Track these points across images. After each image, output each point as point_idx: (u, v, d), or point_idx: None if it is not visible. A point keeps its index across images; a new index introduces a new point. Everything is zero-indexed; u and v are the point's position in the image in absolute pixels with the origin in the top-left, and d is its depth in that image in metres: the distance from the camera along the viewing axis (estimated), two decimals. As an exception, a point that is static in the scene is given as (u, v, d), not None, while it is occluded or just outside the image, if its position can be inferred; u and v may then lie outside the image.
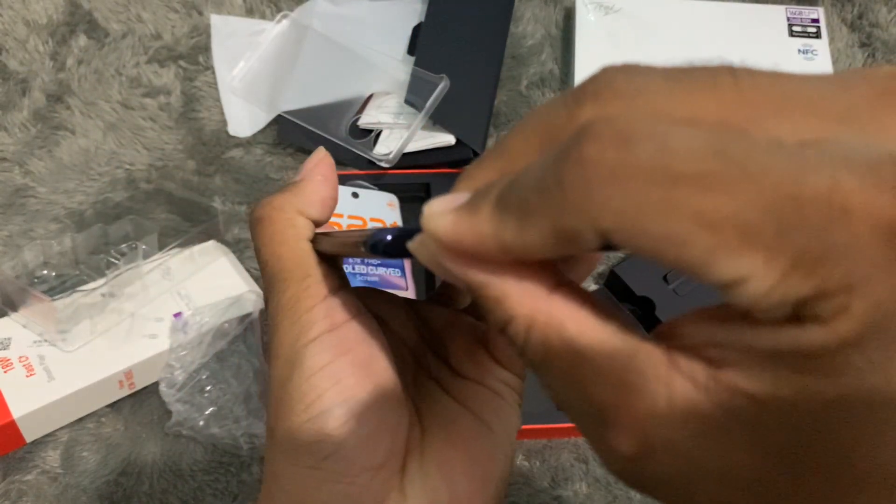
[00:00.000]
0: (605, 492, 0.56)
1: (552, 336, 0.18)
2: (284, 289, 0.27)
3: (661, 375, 0.16)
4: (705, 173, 0.15)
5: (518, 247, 0.17)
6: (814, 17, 0.75)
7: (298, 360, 0.26)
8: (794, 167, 0.14)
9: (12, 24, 0.77)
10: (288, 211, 0.28)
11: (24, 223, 0.66)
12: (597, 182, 0.15)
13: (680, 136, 0.15)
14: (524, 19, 0.79)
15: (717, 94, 0.17)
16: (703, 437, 0.16)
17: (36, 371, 0.55)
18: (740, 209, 0.14)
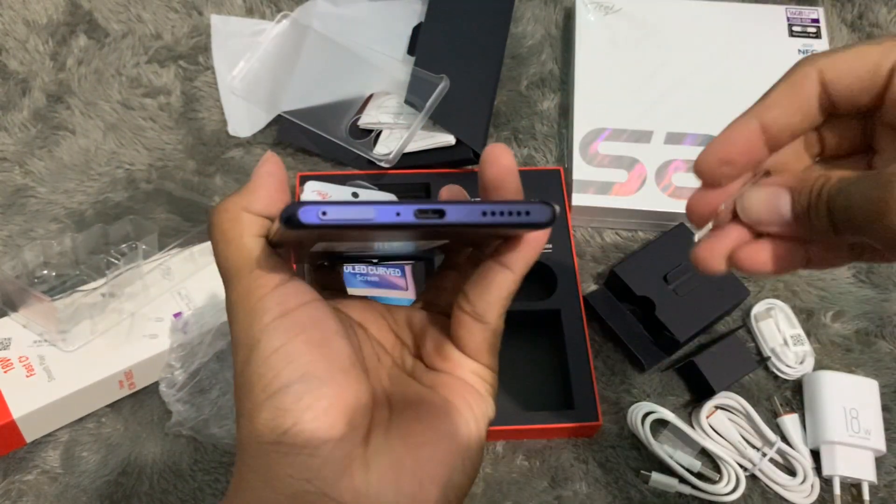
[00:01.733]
0: (605, 492, 0.56)
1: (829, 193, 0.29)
2: (236, 283, 0.29)
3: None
4: None
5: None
6: (814, 17, 0.75)
7: (254, 344, 0.28)
8: None
9: (12, 24, 0.77)
10: (231, 210, 0.29)
11: (24, 223, 0.67)
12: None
13: None
14: (524, 19, 0.79)
15: None
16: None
17: (36, 371, 0.55)
18: None
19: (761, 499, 0.55)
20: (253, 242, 0.29)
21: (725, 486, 0.55)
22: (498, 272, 0.30)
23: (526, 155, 0.71)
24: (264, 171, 0.31)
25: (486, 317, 0.30)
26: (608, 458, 0.57)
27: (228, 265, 0.29)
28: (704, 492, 0.55)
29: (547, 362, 0.60)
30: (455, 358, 0.32)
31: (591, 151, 0.67)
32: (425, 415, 0.30)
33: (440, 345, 0.32)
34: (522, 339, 0.61)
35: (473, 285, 0.31)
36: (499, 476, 0.56)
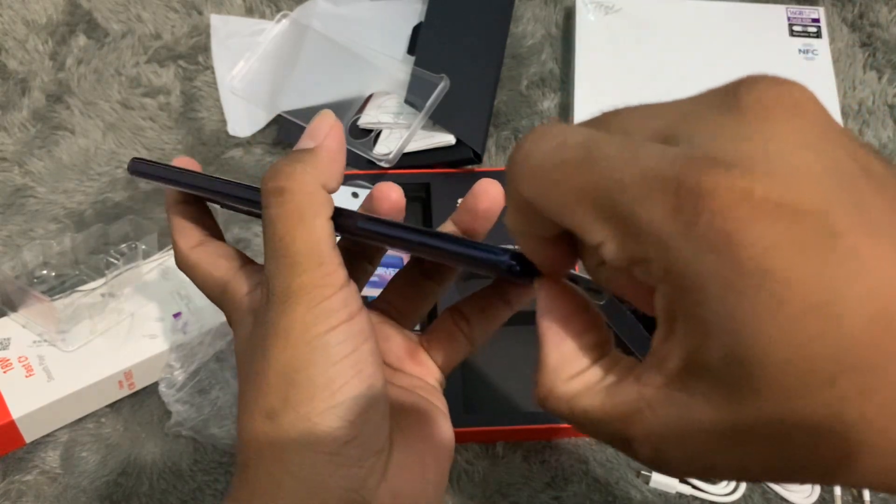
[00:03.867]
0: (605, 492, 0.56)
1: (562, 407, 0.24)
2: (299, 272, 0.26)
3: (637, 397, 0.21)
4: (576, 160, 0.20)
5: (511, 223, 0.23)
6: (814, 17, 0.75)
7: (321, 347, 0.26)
8: (624, 158, 0.19)
9: (12, 24, 0.77)
10: (309, 184, 0.27)
11: (24, 223, 0.66)
12: (519, 163, 0.21)
13: (573, 132, 0.21)
14: (524, 19, 0.79)
15: (609, 125, 0.22)
16: (680, 417, 0.20)
17: (35, 371, 0.55)
18: (592, 189, 0.20)
19: (761, 499, 0.55)
20: (325, 228, 0.27)
21: (726, 487, 0.55)
22: (501, 309, 0.33)
23: (526, 155, 0.71)
24: (336, 142, 0.29)
25: (476, 342, 0.33)
26: (608, 459, 0.57)
27: (294, 248, 0.26)
28: (705, 492, 0.55)
29: (547, 362, 0.60)
30: (429, 365, 0.33)
31: (592, 151, 0.67)
32: (417, 418, 0.30)
33: (413, 351, 0.33)
34: (522, 338, 0.61)
35: (476, 314, 0.33)
36: (499, 476, 0.56)
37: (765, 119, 0.19)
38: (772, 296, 0.17)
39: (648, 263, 0.19)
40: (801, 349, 0.17)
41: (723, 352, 0.18)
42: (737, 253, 0.17)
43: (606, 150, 0.20)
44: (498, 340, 0.61)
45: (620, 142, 0.20)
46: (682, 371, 0.19)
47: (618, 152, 0.19)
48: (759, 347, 0.17)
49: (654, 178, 0.18)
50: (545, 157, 0.21)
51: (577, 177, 0.20)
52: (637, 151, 0.19)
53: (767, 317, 0.17)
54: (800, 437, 0.18)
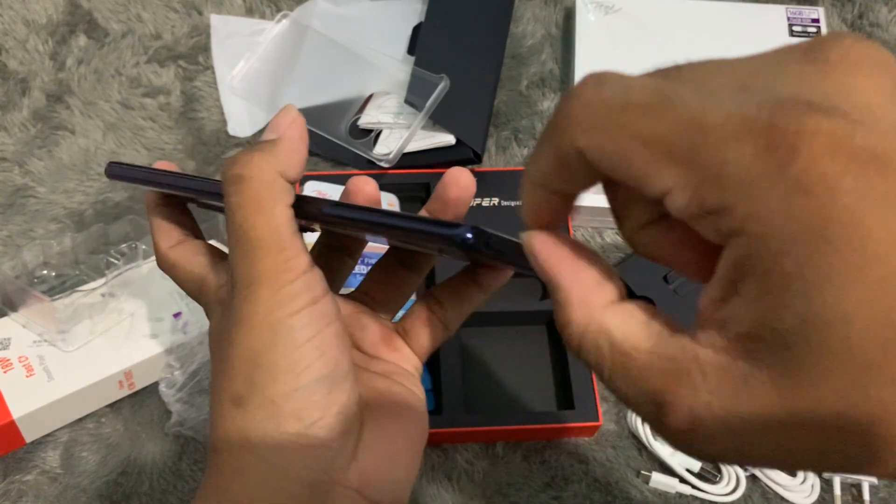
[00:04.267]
0: (605, 492, 0.56)
1: (602, 342, 0.21)
2: (260, 256, 0.27)
3: (690, 356, 0.19)
4: (646, 104, 0.19)
5: (538, 175, 0.22)
6: (814, 17, 0.75)
7: (283, 330, 0.26)
8: (704, 102, 0.18)
9: (12, 24, 0.77)
10: (267, 172, 0.27)
11: (24, 223, 0.66)
12: (576, 110, 0.20)
13: (637, 79, 0.20)
14: (524, 19, 0.79)
15: (675, 77, 0.21)
16: (735, 389, 0.18)
17: (35, 371, 0.55)
18: (666, 132, 0.18)
19: (762, 499, 0.55)
20: (285, 215, 0.27)
21: (726, 487, 0.55)
22: (475, 292, 0.33)
23: (526, 155, 0.71)
24: (296, 133, 0.29)
25: (452, 326, 0.34)
26: (608, 459, 0.57)
27: (254, 235, 0.27)
28: (705, 492, 0.55)
29: (547, 362, 0.60)
30: (404, 351, 0.34)
31: (592, 151, 0.67)
32: (390, 402, 0.31)
33: (389, 338, 0.34)
34: (523, 338, 0.61)
35: (449, 298, 0.34)
36: (499, 476, 0.56)
37: (853, 73, 0.18)
38: (863, 251, 0.16)
39: (724, 212, 0.18)
40: (883, 314, 0.16)
41: (801, 316, 0.17)
42: (833, 199, 0.16)
43: (684, 94, 0.19)
44: (498, 340, 0.61)
45: (699, 88, 0.19)
46: (748, 336, 0.18)
47: (698, 97, 0.18)
48: (841, 310, 0.16)
49: (743, 119, 0.17)
50: (611, 101, 0.20)
51: (649, 120, 0.19)
52: (721, 96, 0.18)
53: (855, 274, 0.16)
54: (861, 426, 0.17)
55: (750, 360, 0.18)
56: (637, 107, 0.19)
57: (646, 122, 0.19)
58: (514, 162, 0.71)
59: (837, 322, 0.16)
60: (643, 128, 0.19)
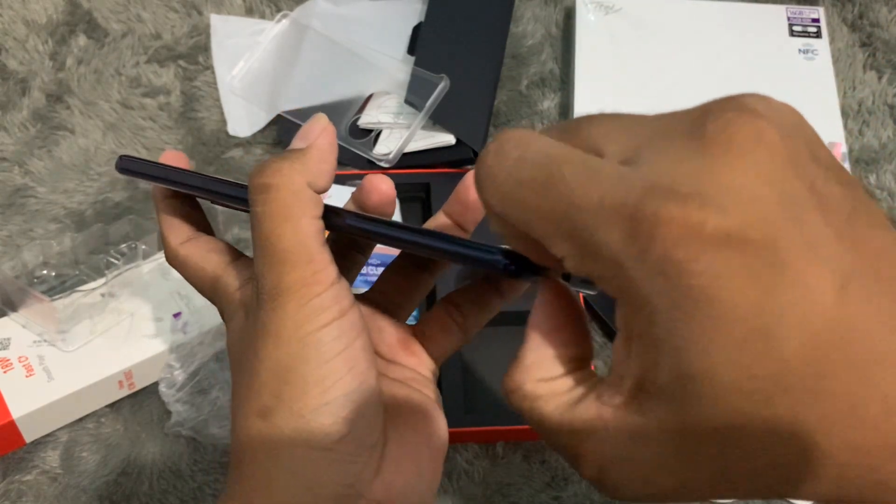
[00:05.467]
0: (606, 492, 0.56)
1: (524, 405, 0.24)
2: (287, 270, 0.26)
3: (596, 417, 0.22)
4: (536, 180, 0.21)
5: (493, 227, 0.24)
6: (814, 17, 0.75)
7: (313, 344, 0.26)
8: (585, 181, 0.20)
9: (12, 24, 0.77)
10: (296, 182, 0.27)
11: (24, 223, 0.66)
12: (483, 180, 0.22)
13: (534, 146, 0.22)
14: (524, 19, 0.79)
15: (578, 134, 0.23)
16: (633, 441, 0.21)
17: (35, 371, 0.55)
18: (551, 210, 0.20)
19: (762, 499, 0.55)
20: (313, 226, 0.27)
21: (726, 487, 0.55)
22: (494, 299, 0.33)
23: (526, 155, 0.71)
24: (327, 142, 0.29)
25: (469, 332, 0.34)
26: (608, 459, 0.57)
27: (281, 246, 0.26)
28: (705, 492, 0.55)
29: (547, 362, 0.60)
30: (422, 356, 0.33)
31: (592, 151, 0.67)
32: (411, 412, 0.30)
33: (406, 342, 0.33)
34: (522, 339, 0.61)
35: (469, 303, 0.33)
36: (499, 476, 0.56)
37: (726, 151, 0.19)
38: (717, 321, 0.18)
39: (604, 282, 0.20)
40: (743, 370, 0.18)
41: (673, 372, 0.19)
42: (686, 280, 0.18)
43: (566, 171, 0.20)
44: (498, 340, 0.61)
45: (580, 163, 0.21)
46: (636, 390, 0.20)
47: (577, 175, 0.20)
48: (705, 368, 0.18)
49: (612, 204, 0.19)
50: (506, 175, 0.22)
51: (537, 198, 0.21)
52: (597, 175, 0.20)
53: (713, 340, 0.18)
54: (735, 452, 0.19)
55: (640, 412, 0.20)
56: (529, 183, 0.21)
57: (536, 200, 0.21)
58: (514, 162, 0.71)
59: (705, 378, 0.19)
60: (535, 204, 0.21)
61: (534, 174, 0.21)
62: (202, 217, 0.34)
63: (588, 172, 0.20)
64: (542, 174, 0.21)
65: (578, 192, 0.20)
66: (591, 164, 0.20)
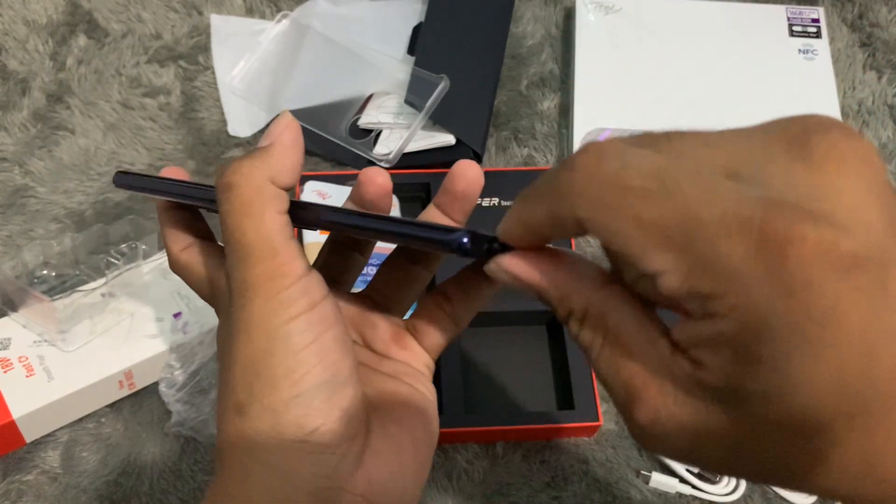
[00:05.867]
0: (605, 492, 0.56)
1: (600, 323, 0.24)
2: (253, 263, 0.27)
3: (667, 369, 0.22)
4: (646, 189, 0.20)
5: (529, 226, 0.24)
6: (814, 17, 0.75)
7: (281, 337, 0.26)
8: (701, 193, 0.20)
9: (12, 24, 0.77)
10: (258, 179, 0.27)
11: (24, 223, 0.66)
12: (577, 183, 0.22)
13: (635, 157, 0.21)
14: (524, 19, 0.79)
15: (666, 149, 0.22)
16: (697, 411, 0.21)
17: (36, 371, 0.55)
18: (663, 220, 0.20)
19: (762, 499, 0.55)
20: (276, 221, 0.27)
21: (725, 487, 0.55)
22: (484, 286, 0.33)
23: (526, 155, 0.71)
24: (289, 139, 0.29)
25: (461, 321, 0.34)
26: (608, 459, 0.57)
27: (245, 241, 0.27)
28: (705, 492, 0.55)
29: (547, 362, 0.60)
30: (415, 350, 0.34)
31: (592, 151, 0.67)
32: (398, 405, 0.30)
33: (399, 336, 0.34)
34: (523, 338, 0.61)
35: (457, 292, 0.33)
36: (499, 476, 0.56)
37: (839, 172, 0.20)
38: (832, 339, 0.18)
39: (713, 298, 0.20)
40: (840, 385, 0.19)
41: (772, 382, 0.19)
42: (816, 300, 0.18)
43: (682, 182, 0.20)
44: (498, 340, 0.61)
45: (694, 175, 0.20)
46: (715, 387, 0.21)
47: (694, 187, 0.20)
48: (805, 381, 0.19)
49: (737, 218, 0.19)
50: (611, 179, 0.21)
51: (648, 206, 0.20)
52: (715, 188, 0.20)
53: (821, 357, 0.19)
54: (792, 451, 0.20)
55: (713, 400, 0.21)
56: (637, 190, 0.20)
57: (645, 208, 0.20)
58: (514, 162, 0.71)
59: (801, 389, 0.19)
60: (642, 213, 0.20)
61: (644, 183, 0.20)
62: (204, 225, 0.34)
63: (707, 184, 0.20)
64: (654, 184, 0.20)
65: (698, 204, 0.19)
66: (707, 177, 0.20)
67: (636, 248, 0.21)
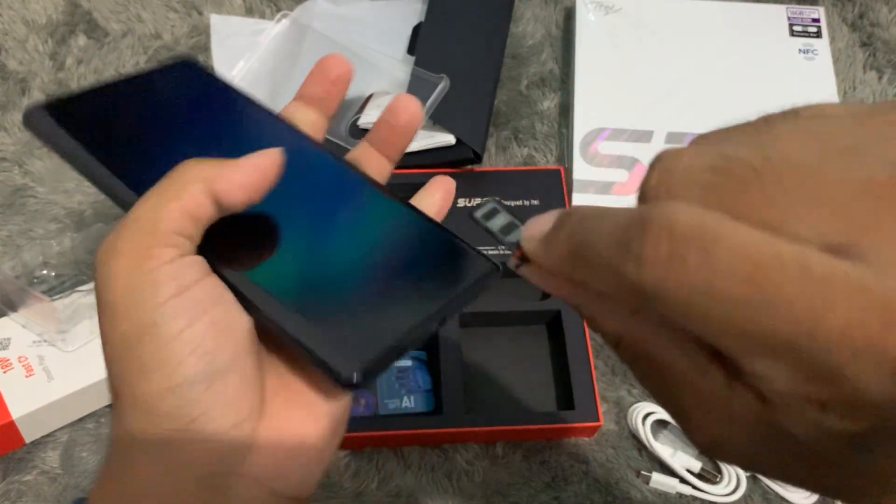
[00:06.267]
0: (605, 492, 0.56)
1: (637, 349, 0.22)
2: (128, 235, 0.26)
3: (723, 398, 0.19)
4: (743, 299, 0.16)
5: (583, 283, 0.21)
6: (814, 17, 0.75)
7: (148, 325, 0.25)
8: (814, 304, 0.16)
9: (11, 24, 0.77)
10: (195, 172, 0.27)
11: (24, 223, 0.66)
12: (665, 278, 0.17)
13: (724, 254, 0.16)
14: (524, 19, 0.79)
15: (747, 198, 0.18)
16: (755, 443, 0.19)
17: (35, 371, 0.55)
18: (769, 333, 0.16)
19: (762, 499, 0.55)
20: (179, 209, 0.26)
21: (726, 487, 0.55)
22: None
23: (526, 155, 0.71)
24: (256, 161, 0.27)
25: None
26: (609, 459, 0.57)
27: (136, 214, 0.26)
28: (705, 492, 0.55)
29: (547, 362, 0.60)
30: None
31: (592, 151, 0.67)
32: (299, 384, 0.29)
33: None
34: (523, 338, 0.61)
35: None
36: (499, 476, 0.56)
37: None
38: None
39: (830, 405, 0.17)
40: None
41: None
42: None
43: (786, 286, 0.16)
44: (498, 340, 0.61)
45: (799, 269, 0.16)
46: (795, 436, 0.18)
47: (800, 291, 0.16)
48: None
49: (863, 339, 0.15)
50: (708, 280, 0.16)
51: (747, 314, 0.16)
52: (828, 288, 0.15)
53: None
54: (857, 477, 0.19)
55: (784, 436, 0.19)
56: (732, 300, 0.16)
57: (745, 317, 0.16)
58: (514, 162, 0.71)
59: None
60: (742, 323, 0.16)
61: (731, 286, 0.16)
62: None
63: (814, 286, 0.16)
64: (745, 288, 0.16)
65: (807, 317, 0.16)
66: (814, 272, 0.16)
67: (736, 349, 0.17)
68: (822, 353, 0.16)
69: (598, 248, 0.19)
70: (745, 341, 0.17)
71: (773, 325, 0.16)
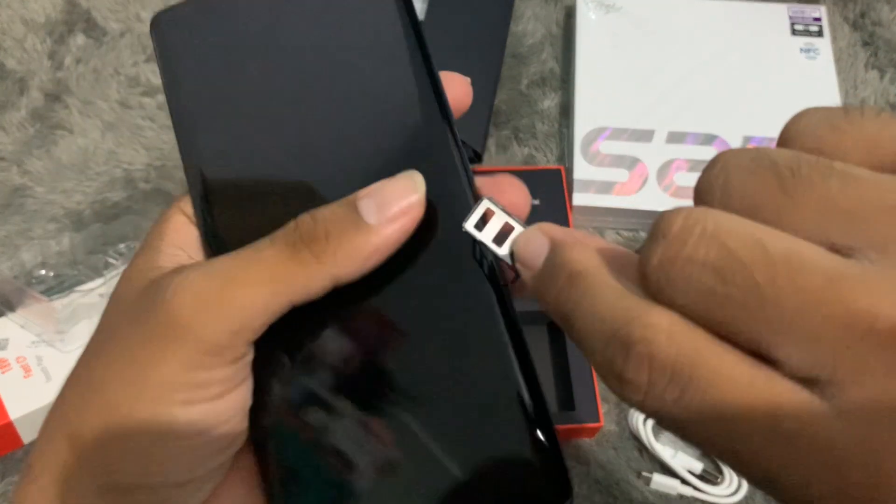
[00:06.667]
0: (606, 493, 0.55)
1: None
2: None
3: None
4: (722, 435, 0.16)
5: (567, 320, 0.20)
6: (816, 16, 0.74)
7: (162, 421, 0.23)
8: (782, 452, 0.15)
9: (10, 23, 0.77)
10: (305, 270, 0.24)
11: (22, 223, 0.66)
12: (644, 403, 0.17)
13: (699, 397, 0.16)
14: (524, 18, 0.78)
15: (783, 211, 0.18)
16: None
17: (34, 372, 0.55)
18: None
19: (763, 500, 0.55)
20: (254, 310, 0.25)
21: (728, 488, 0.55)
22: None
23: (527, 154, 0.71)
24: (398, 231, 0.25)
25: None
26: (609, 460, 0.57)
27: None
28: (707, 493, 0.55)
29: (547, 363, 0.60)
30: None
31: (593, 151, 0.67)
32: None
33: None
34: (523, 339, 0.61)
35: None
36: (499, 477, 0.56)
37: None
38: None
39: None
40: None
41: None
42: None
43: (759, 439, 0.15)
44: (498, 341, 0.60)
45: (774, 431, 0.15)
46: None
47: (777, 448, 0.15)
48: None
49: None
50: (682, 417, 0.16)
51: (739, 451, 0.16)
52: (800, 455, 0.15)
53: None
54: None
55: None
56: (768, 433, 0.15)
57: (731, 447, 0.16)
58: (514, 161, 0.70)
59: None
60: (735, 454, 0.16)
61: (704, 429, 0.16)
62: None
63: (783, 445, 0.15)
64: (719, 429, 0.16)
65: (776, 463, 0.16)
66: (782, 430, 0.15)
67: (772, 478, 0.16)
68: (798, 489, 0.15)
69: (584, 343, 0.19)
70: (741, 468, 0.16)
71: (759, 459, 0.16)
